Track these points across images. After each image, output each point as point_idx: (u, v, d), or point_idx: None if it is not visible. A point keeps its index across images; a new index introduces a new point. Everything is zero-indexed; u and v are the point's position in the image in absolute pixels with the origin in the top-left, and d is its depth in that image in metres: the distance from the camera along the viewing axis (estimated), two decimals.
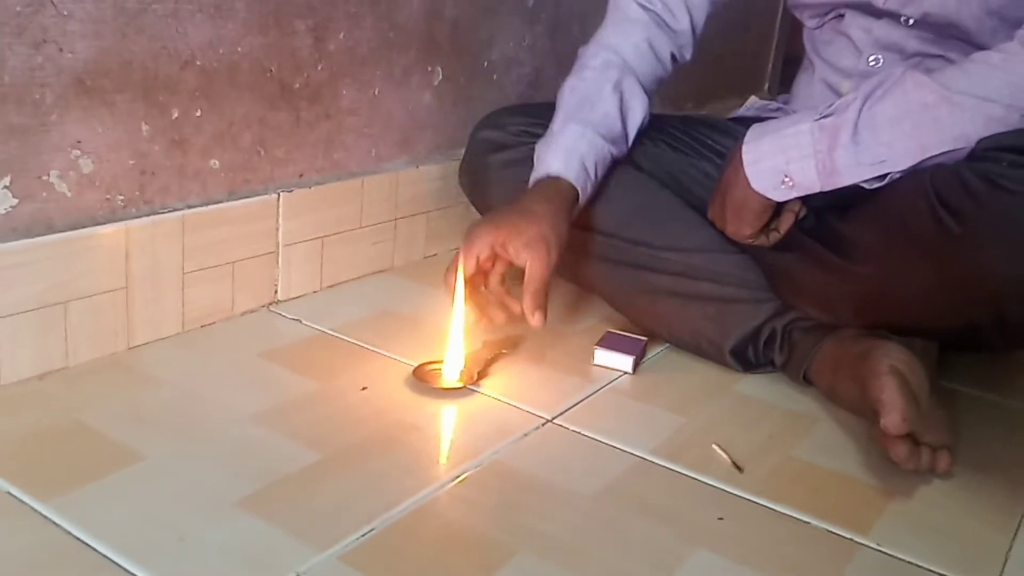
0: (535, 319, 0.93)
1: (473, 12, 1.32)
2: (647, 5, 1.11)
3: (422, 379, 0.95)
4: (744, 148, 0.94)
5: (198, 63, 0.97)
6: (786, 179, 0.92)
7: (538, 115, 1.15)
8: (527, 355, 1.05)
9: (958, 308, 0.88)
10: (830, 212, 0.99)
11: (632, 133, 1.09)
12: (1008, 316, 0.85)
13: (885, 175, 0.88)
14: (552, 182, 0.99)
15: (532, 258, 0.92)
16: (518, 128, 1.14)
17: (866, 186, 0.89)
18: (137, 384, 0.91)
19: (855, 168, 0.88)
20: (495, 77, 1.40)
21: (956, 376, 1.07)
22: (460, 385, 0.95)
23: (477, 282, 0.96)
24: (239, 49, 1.01)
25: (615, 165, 1.07)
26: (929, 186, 0.85)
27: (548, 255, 0.93)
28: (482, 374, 0.98)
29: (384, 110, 1.22)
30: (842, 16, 1.06)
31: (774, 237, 0.99)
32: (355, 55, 1.15)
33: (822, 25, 1.10)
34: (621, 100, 1.06)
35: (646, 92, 1.10)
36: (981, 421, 1.00)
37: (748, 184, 0.93)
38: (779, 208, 0.97)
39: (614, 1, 1.14)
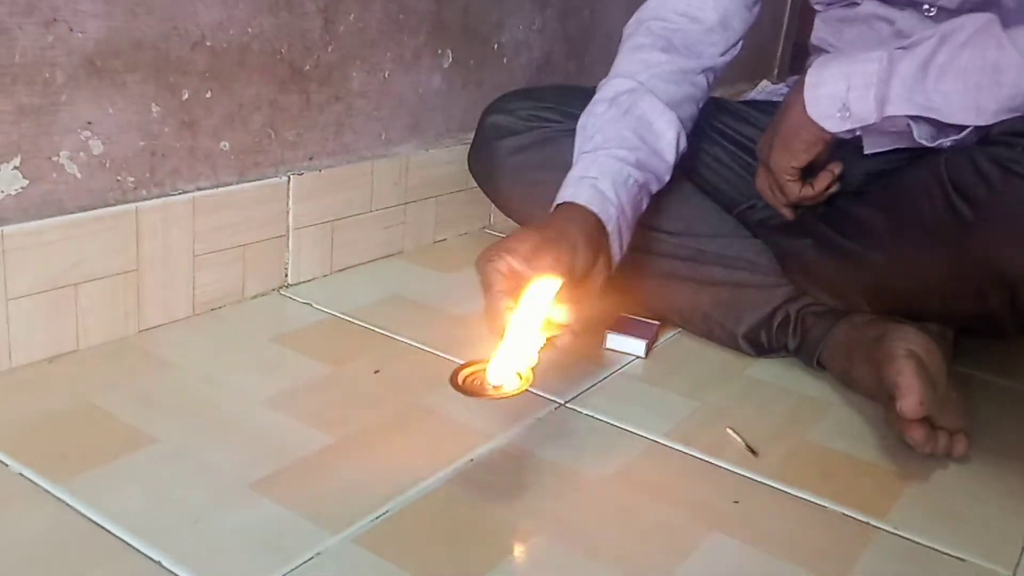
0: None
1: None
2: (666, 25, 1.04)
3: (469, 392, 0.75)
4: (810, 71, 0.90)
5: (208, 44, 0.97)
6: (843, 108, 0.88)
7: (547, 99, 1.14)
8: None
9: (971, 294, 0.88)
10: (844, 198, 0.98)
11: (668, 154, 0.97)
12: (1021, 302, 0.85)
13: (936, 141, 0.85)
14: (559, 209, 0.88)
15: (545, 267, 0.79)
16: (527, 113, 1.13)
17: (904, 144, 0.87)
18: (149, 367, 0.90)
19: (904, 103, 0.85)
20: (505, 61, 1.39)
21: (970, 361, 1.06)
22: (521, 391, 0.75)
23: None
24: (249, 30, 1.00)
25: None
26: (943, 172, 0.84)
27: (561, 262, 0.80)
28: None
29: (394, 93, 1.21)
30: (856, 3, 1.04)
31: (806, 193, 0.97)
32: (365, 37, 1.15)
33: (827, 10, 1.08)
34: (639, 121, 0.97)
35: (673, 110, 0.99)
36: (996, 406, 0.99)
37: (804, 109, 0.90)
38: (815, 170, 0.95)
39: (625, 27, 1.08)
